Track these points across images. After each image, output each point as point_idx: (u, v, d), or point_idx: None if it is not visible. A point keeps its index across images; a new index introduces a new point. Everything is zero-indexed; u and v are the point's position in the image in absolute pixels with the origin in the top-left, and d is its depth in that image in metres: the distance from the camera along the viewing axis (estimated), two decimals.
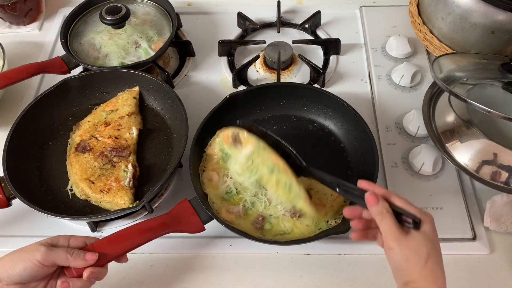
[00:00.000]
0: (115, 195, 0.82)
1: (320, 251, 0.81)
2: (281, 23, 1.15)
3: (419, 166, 0.87)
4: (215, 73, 1.08)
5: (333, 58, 1.08)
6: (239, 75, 1.04)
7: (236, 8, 1.15)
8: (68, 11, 1.09)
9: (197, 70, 1.09)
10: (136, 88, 0.98)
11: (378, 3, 1.17)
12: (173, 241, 0.83)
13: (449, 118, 0.87)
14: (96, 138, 0.90)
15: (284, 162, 0.76)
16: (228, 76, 1.06)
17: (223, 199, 0.82)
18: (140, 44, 1.05)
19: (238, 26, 1.15)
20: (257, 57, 1.06)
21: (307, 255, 0.81)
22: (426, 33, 1.03)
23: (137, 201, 0.81)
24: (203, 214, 0.77)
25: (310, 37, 1.14)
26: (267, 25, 1.16)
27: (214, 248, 0.83)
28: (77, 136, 0.92)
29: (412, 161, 0.88)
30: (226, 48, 1.09)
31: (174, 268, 0.81)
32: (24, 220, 0.87)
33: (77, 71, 1.04)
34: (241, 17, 1.14)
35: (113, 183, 0.84)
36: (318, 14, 1.13)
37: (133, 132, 0.91)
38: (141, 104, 0.98)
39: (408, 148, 0.91)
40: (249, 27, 1.15)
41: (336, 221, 0.80)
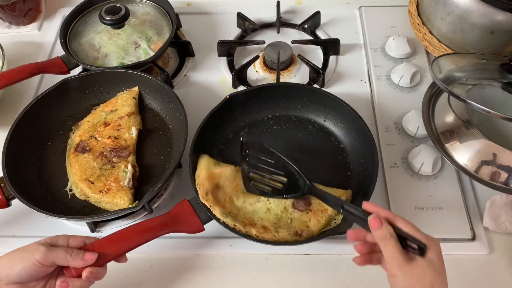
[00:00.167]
0: (115, 196, 0.82)
1: (320, 252, 0.81)
2: (281, 23, 1.15)
3: (419, 167, 0.87)
4: (215, 73, 1.08)
5: (333, 58, 1.08)
6: (239, 75, 1.04)
7: (236, 8, 1.15)
8: (68, 11, 1.09)
9: (197, 70, 1.09)
10: (136, 89, 0.98)
11: (378, 4, 1.17)
12: (173, 241, 0.83)
13: (449, 119, 0.87)
14: (96, 139, 0.90)
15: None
16: (228, 76, 1.06)
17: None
18: (140, 44, 1.05)
19: (238, 26, 1.15)
20: (257, 57, 1.06)
21: (307, 255, 0.81)
22: (426, 34, 1.03)
23: (137, 201, 0.81)
24: (203, 214, 0.77)
25: (310, 37, 1.14)
26: (267, 25, 1.16)
27: (214, 249, 0.83)
28: (77, 137, 0.92)
29: (412, 161, 0.88)
30: (226, 48, 1.09)
31: (174, 268, 0.81)
32: (24, 221, 0.87)
33: (77, 71, 1.04)
34: (241, 17, 1.14)
35: (113, 184, 0.84)
36: (318, 14, 1.13)
37: (133, 133, 0.91)
38: (141, 105, 0.98)
39: (408, 148, 0.91)
40: (249, 27, 1.15)
41: (336, 222, 0.80)
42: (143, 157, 0.91)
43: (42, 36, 1.17)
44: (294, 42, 1.09)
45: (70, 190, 0.87)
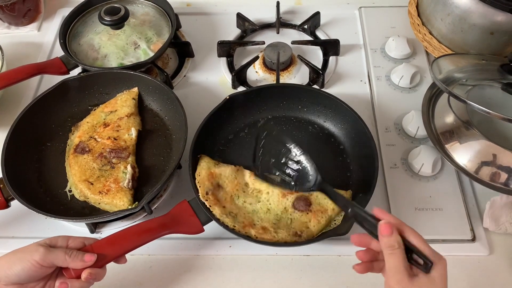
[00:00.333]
0: (114, 196, 0.82)
1: (320, 253, 0.81)
2: (280, 24, 1.15)
3: (419, 167, 0.87)
4: (214, 74, 1.07)
5: (333, 59, 1.08)
6: (238, 76, 1.03)
7: (235, 9, 1.15)
8: (67, 12, 1.09)
9: (196, 71, 1.09)
10: (135, 89, 0.98)
11: (377, 4, 1.17)
12: (172, 242, 0.83)
13: (449, 119, 0.87)
14: (95, 139, 0.90)
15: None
16: (227, 77, 1.06)
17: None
18: (139, 45, 1.04)
19: (237, 27, 1.15)
20: (256, 58, 1.06)
21: (307, 256, 0.81)
22: (425, 34, 1.03)
23: (136, 202, 0.81)
24: (202, 215, 0.77)
25: (309, 38, 1.14)
26: (266, 26, 1.16)
27: (213, 249, 0.82)
28: (76, 137, 0.91)
29: (412, 162, 0.88)
30: (225, 49, 1.09)
31: (173, 270, 0.81)
32: (23, 222, 0.86)
33: (76, 72, 1.04)
34: (240, 18, 1.14)
35: (112, 184, 0.83)
36: (318, 15, 1.13)
37: (132, 133, 0.91)
38: (140, 105, 0.98)
39: (408, 149, 0.91)
40: (248, 28, 1.15)
41: (336, 223, 0.79)
42: (143, 158, 0.91)
43: (42, 37, 1.17)
44: (294, 43, 1.09)
45: (70, 191, 0.86)
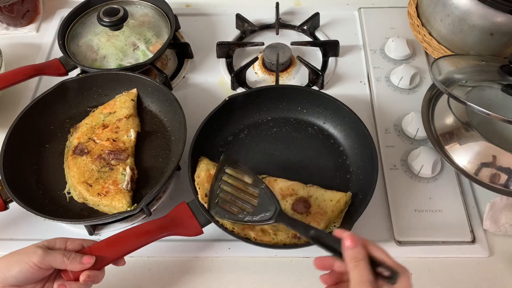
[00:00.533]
0: (113, 198, 0.82)
1: (319, 255, 0.81)
2: (280, 25, 1.15)
3: (418, 169, 0.86)
4: (214, 75, 1.07)
5: (332, 60, 1.08)
6: (238, 77, 1.03)
7: (235, 10, 1.15)
8: (66, 13, 1.09)
9: (196, 72, 1.08)
10: (134, 90, 0.97)
11: (377, 5, 1.17)
12: (171, 244, 0.83)
13: (448, 120, 0.87)
14: (94, 141, 0.90)
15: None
16: (227, 78, 1.05)
17: None
18: (138, 46, 1.04)
19: (237, 28, 1.15)
20: (256, 59, 1.06)
21: (306, 258, 0.81)
22: (425, 35, 1.03)
23: (135, 204, 0.81)
24: (201, 217, 0.77)
25: (309, 39, 1.13)
26: (266, 27, 1.16)
27: (213, 252, 0.82)
28: (75, 139, 0.91)
29: (411, 164, 0.88)
30: (225, 50, 1.09)
31: (172, 272, 0.81)
32: (21, 224, 0.86)
33: (75, 73, 1.03)
34: (240, 19, 1.14)
35: (111, 186, 0.83)
36: (317, 16, 1.13)
37: (131, 135, 0.91)
38: (139, 107, 0.97)
39: (407, 150, 0.91)
40: (248, 29, 1.15)
41: (335, 225, 0.79)
42: (142, 160, 0.90)
43: (40, 38, 1.17)
44: (293, 44, 1.08)
45: (68, 193, 0.86)
